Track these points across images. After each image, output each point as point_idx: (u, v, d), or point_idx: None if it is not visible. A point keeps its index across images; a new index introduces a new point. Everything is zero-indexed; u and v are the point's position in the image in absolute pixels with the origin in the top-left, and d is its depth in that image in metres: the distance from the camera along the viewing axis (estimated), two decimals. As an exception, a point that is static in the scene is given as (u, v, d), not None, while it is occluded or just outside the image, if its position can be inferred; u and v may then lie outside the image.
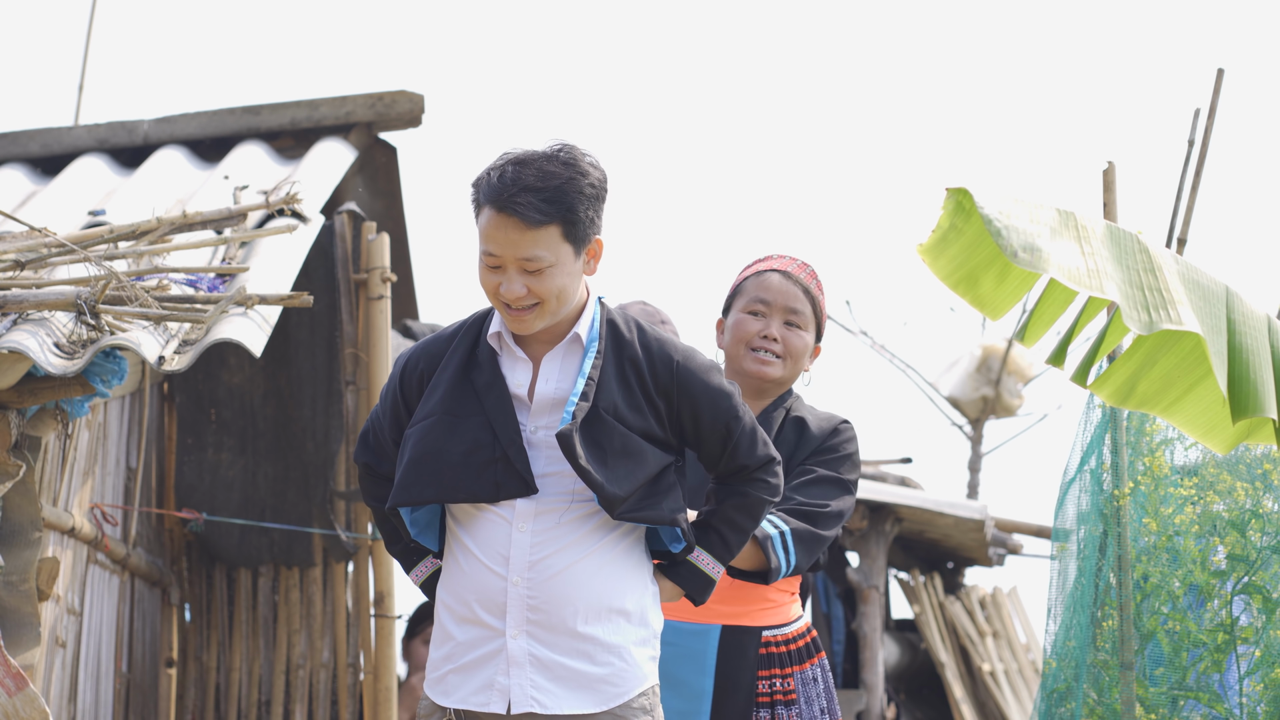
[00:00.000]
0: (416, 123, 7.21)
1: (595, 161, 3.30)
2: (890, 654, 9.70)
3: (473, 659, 3.31)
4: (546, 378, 3.33)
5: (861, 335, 14.81)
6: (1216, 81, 5.28)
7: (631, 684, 3.31)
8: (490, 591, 3.29)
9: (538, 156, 3.26)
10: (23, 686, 4.39)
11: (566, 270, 3.26)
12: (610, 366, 3.34)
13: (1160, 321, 3.56)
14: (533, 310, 3.27)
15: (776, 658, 3.98)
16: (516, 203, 3.20)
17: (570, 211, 3.23)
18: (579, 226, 3.25)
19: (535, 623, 3.27)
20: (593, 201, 3.27)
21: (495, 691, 3.27)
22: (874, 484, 9.23)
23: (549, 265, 3.23)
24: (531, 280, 3.24)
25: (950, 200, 3.50)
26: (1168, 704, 4.78)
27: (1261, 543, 4.77)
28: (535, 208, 3.20)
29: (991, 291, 3.65)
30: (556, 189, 3.22)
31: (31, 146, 7.23)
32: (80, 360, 4.55)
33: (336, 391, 6.63)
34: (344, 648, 6.75)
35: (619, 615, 3.32)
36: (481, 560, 3.31)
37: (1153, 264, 3.65)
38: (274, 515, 6.76)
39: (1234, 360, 3.70)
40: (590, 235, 3.29)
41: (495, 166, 3.26)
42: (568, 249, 3.25)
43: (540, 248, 3.22)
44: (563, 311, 3.32)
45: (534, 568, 3.27)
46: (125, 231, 5.39)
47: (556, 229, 3.22)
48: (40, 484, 4.93)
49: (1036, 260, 3.44)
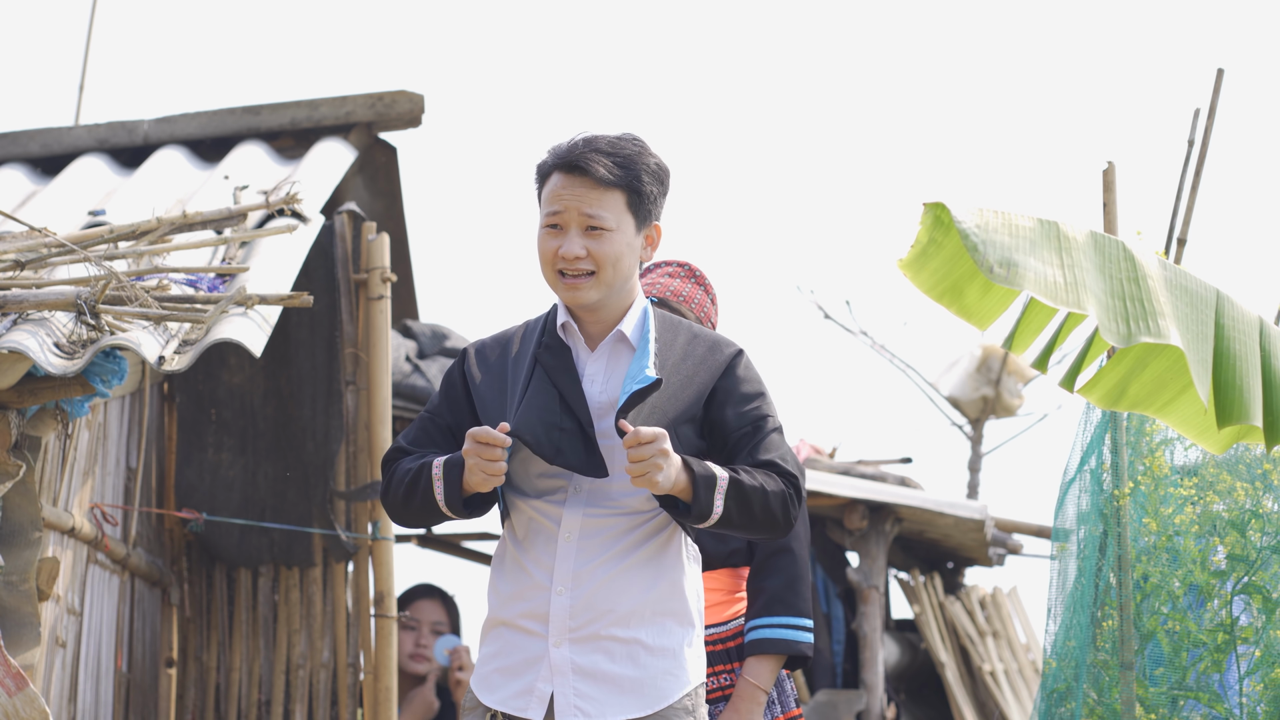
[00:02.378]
0: (416, 123, 7.21)
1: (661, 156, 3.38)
2: (890, 654, 9.69)
3: (516, 661, 3.31)
4: (592, 378, 3.35)
5: (861, 335, 14.81)
6: (1216, 81, 5.28)
7: (678, 685, 3.30)
8: (535, 599, 3.30)
9: (610, 137, 3.35)
10: (23, 686, 4.39)
11: (626, 241, 3.30)
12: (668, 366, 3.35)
13: (1139, 334, 3.56)
14: (589, 279, 3.30)
15: (719, 655, 4.01)
16: (588, 159, 3.27)
17: (637, 180, 3.29)
18: (644, 200, 3.31)
19: (578, 631, 3.27)
20: (657, 182, 3.34)
21: (534, 697, 3.27)
22: (874, 484, 9.23)
23: (611, 229, 3.28)
24: (591, 242, 3.28)
25: (928, 215, 3.52)
26: (1168, 704, 4.78)
27: (1261, 543, 4.76)
28: (606, 167, 3.27)
29: (977, 302, 3.65)
30: (627, 157, 3.29)
31: (31, 146, 7.23)
32: (80, 360, 4.54)
33: (336, 391, 6.63)
34: (344, 648, 6.74)
35: (667, 617, 3.32)
36: (527, 568, 3.32)
37: (1137, 273, 3.64)
38: (274, 515, 6.76)
39: (1221, 366, 3.70)
40: (652, 215, 3.34)
41: (564, 140, 3.34)
42: (630, 220, 3.31)
43: (605, 208, 3.27)
44: (616, 290, 3.33)
45: (578, 578, 3.28)
46: (125, 231, 5.39)
47: (621, 195, 3.28)
48: (40, 484, 4.93)
49: (1013, 276, 3.45)
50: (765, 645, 3.97)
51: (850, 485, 9.12)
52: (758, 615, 3.99)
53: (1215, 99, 5.29)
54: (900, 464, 10.32)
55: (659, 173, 3.34)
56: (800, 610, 4.00)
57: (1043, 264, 3.49)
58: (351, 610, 6.77)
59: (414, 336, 7.76)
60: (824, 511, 9.26)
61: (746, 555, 4.06)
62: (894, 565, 10.31)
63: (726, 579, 4.05)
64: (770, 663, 3.98)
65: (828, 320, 14.83)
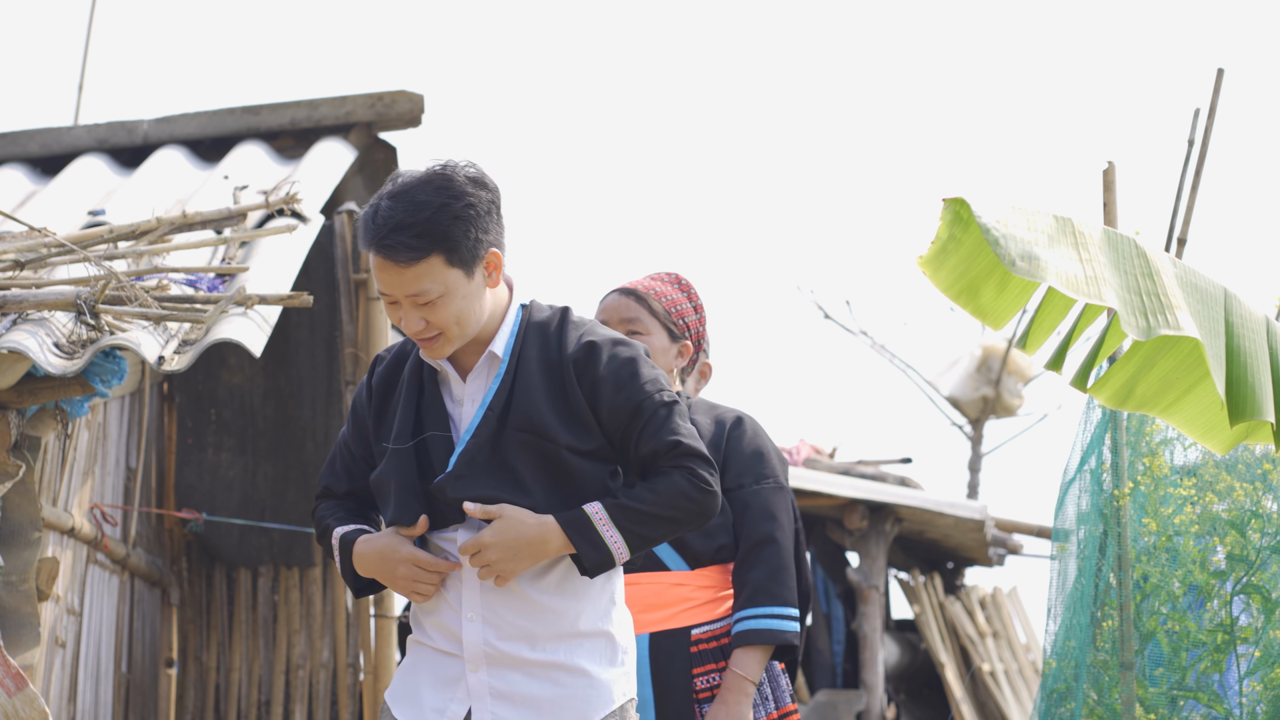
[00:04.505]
0: (416, 123, 7.21)
1: (476, 175, 3.20)
2: (890, 654, 9.70)
3: (434, 679, 3.28)
4: (473, 398, 3.26)
5: (861, 335, 14.82)
6: (1216, 81, 5.28)
7: (599, 704, 3.24)
8: (448, 623, 3.26)
9: (411, 185, 3.17)
10: (22, 686, 4.39)
11: (460, 294, 3.17)
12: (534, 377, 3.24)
13: (1158, 327, 3.56)
14: (438, 339, 3.20)
15: (710, 653, 4.01)
16: (387, 245, 3.12)
17: (447, 239, 3.13)
18: (461, 249, 3.15)
19: (493, 655, 3.22)
20: (473, 221, 3.16)
21: (446, 718, 3.24)
22: (874, 484, 9.23)
23: (439, 295, 3.15)
24: (426, 312, 3.17)
25: (948, 211, 3.49)
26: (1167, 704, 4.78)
27: (1261, 543, 4.76)
28: (408, 246, 3.12)
29: (992, 301, 3.63)
30: (427, 221, 3.13)
31: (31, 146, 7.23)
32: (80, 360, 4.55)
33: (336, 391, 6.64)
34: (344, 648, 6.75)
35: (585, 636, 3.26)
36: (441, 593, 3.27)
37: (1150, 268, 3.64)
38: (274, 515, 6.76)
39: (1232, 363, 3.70)
40: (479, 253, 3.18)
41: (373, 202, 3.20)
42: (456, 273, 3.16)
43: (424, 282, 3.14)
44: (472, 332, 3.23)
45: (488, 603, 3.23)
46: (125, 231, 5.38)
47: (438, 259, 3.14)
48: (40, 484, 4.94)
49: (1035, 269, 3.43)
50: (751, 636, 3.97)
51: (850, 485, 9.13)
52: (743, 607, 3.99)
53: (1215, 99, 5.29)
54: (900, 464, 10.33)
55: (472, 214, 3.16)
56: (784, 600, 3.99)
57: (1062, 258, 3.49)
58: (351, 610, 6.77)
59: (414, 336, 7.76)
60: (824, 511, 9.27)
61: (734, 551, 4.07)
62: (894, 565, 10.32)
63: (715, 576, 4.04)
64: (757, 653, 3.97)
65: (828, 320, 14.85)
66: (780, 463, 4.14)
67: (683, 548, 4.01)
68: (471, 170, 3.20)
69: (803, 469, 9.32)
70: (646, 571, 4.00)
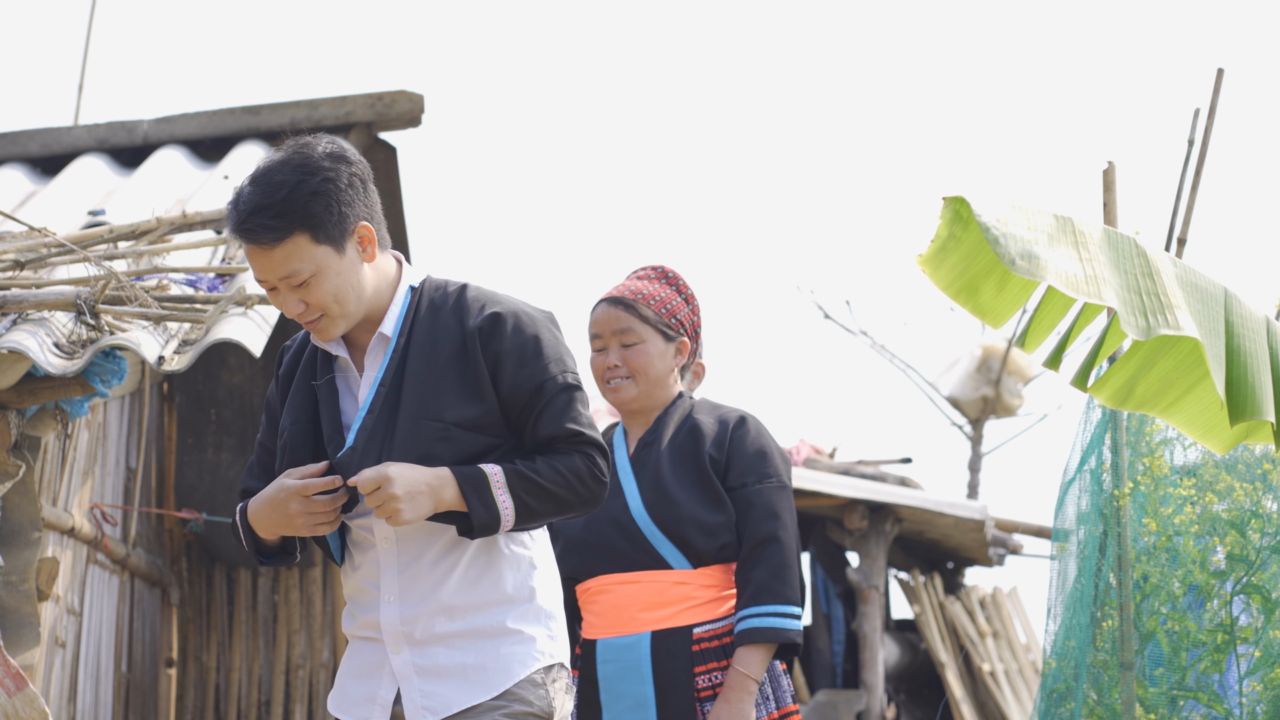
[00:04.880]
0: (416, 123, 7.22)
1: (335, 150, 3.18)
2: (890, 654, 9.70)
3: (361, 668, 3.27)
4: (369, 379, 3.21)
5: (861, 335, 14.82)
6: (1216, 81, 5.27)
7: (527, 660, 3.19)
8: (370, 609, 3.24)
9: (269, 167, 3.16)
10: (22, 686, 4.39)
11: (333, 271, 3.13)
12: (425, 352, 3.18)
13: (1158, 326, 3.55)
14: (320, 320, 3.16)
15: (712, 652, 4.02)
16: (248, 229, 3.10)
17: (308, 216, 3.10)
18: (327, 225, 3.11)
19: (414, 635, 3.19)
20: (334, 195, 3.12)
21: (377, 705, 3.22)
22: (874, 484, 9.23)
23: (311, 274, 3.11)
24: (302, 294, 3.13)
25: (948, 209, 3.49)
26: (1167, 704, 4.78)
27: (1261, 543, 4.76)
28: (268, 227, 3.08)
29: (992, 300, 3.63)
30: (284, 200, 3.10)
31: (31, 146, 7.23)
32: (80, 360, 4.54)
33: (336, 391, 6.64)
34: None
35: (502, 603, 3.19)
36: (359, 581, 3.26)
37: (1150, 268, 3.64)
38: (274, 515, 6.76)
39: (1232, 363, 3.70)
40: (347, 228, 3.14)
41: (236, 189, 3.18)
42: (324, 250, 3.12)
43: (293, 262, 3.10)
44: (355, 310, 3.18)
45: (404, 582, 3.20)
46: (125, 231, 5.39)
47: (302, 237, 3.10)
48: (40, 484, 4.93)
49: (1035, 268, 3.43)
50: (754, 634, 3.97)
51: (850, 485, 9.13)
52: (746, 605, 3.99)
53: (1215, 99, 5.28)
54: (900, 464, 10.32)
55: (332, 188, 3.12)
56: (788, 598, 4.00)
57: (1062, 257, 3.49)
58: (351, 610, 6.78)
59: (414, 336, 7.76)
60: (824, 511, 9.26)
61: (737, 550, 4.08)
62: (894, 565, 10.32)
63: (718, 575, 4.05)
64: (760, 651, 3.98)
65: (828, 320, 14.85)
66: (784, 462, 4.14)
67: (685, 546, 4.02)
68: (330, 146, 3.18)
69: (803, 469, 9.32)
70: (649, 570, 4.01)
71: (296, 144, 3.19)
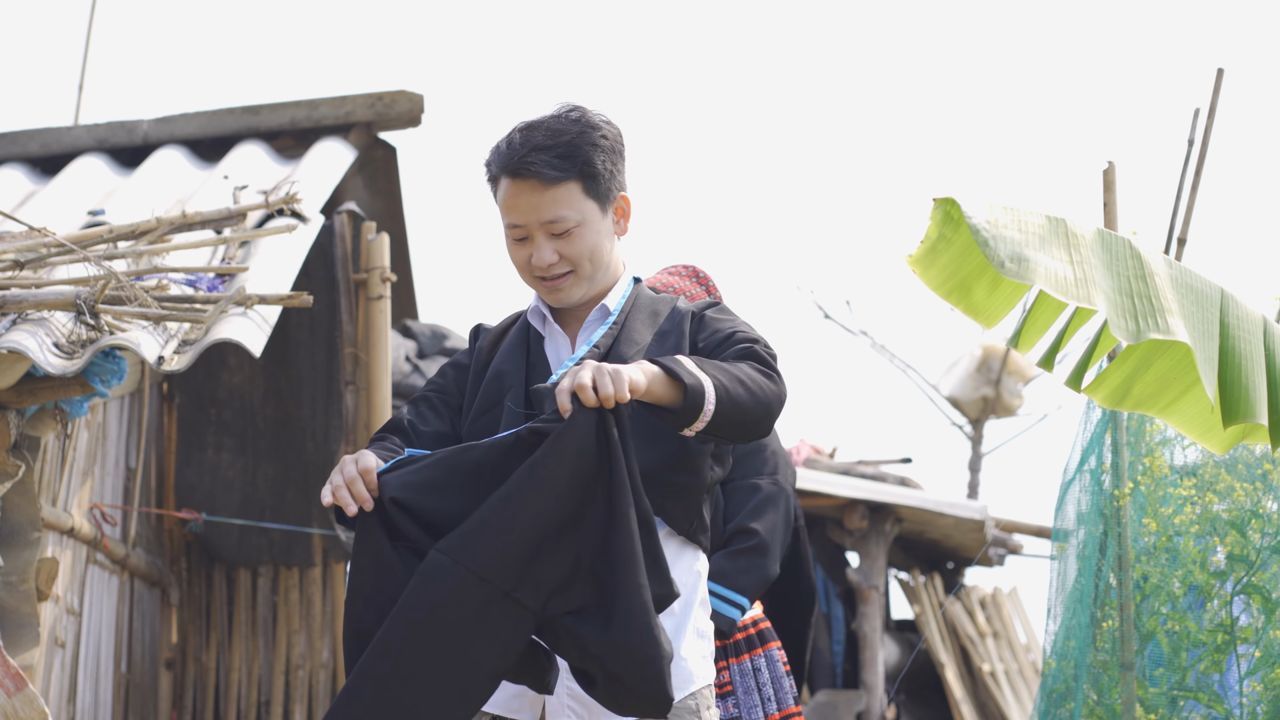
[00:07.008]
0: (416, 123, 7.22)
1: (608, 119, 3.18)
2: (890, 654, 9.70)
3: None
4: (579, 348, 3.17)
5: (861, 335, 14.82)
6: (1216, 81, 5.27)
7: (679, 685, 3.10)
8: None
9: (546, 118, 3.14)
10: (22, 686, 4.38)
11: (595, 229, 3.13)
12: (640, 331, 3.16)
13: (1148, 330, 3.55)
14: (567, 278, 3.15)
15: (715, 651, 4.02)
16: (529, 163, 3.08)
17: (588, 164, 3.10)
18: (600, 180, 3.12)
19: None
20: (610, 154, 3.14)
21: (526, 700, 3.18)
22: (874, 484, 9.23)
23: (575, 224, 3.11)
24: (560, 244, 3.12)
25: (938, 210, 3.48)
26: (1167, 704, 4.78)
27: (1261, 543, 4.76)
28: (549, 164, 3.07)
29: (985, 300, 3.62)
30: (569, 144, 3.09)
31: (31, 146, 7.23)
32: (80, 360, 4.54)
33: (336, 391, 6.63)
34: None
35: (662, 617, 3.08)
36: None
37: (1144, 270, 3.63)
38: (274, 515, 6.76)
39: (1226, 365, 3.69)
40: (614, 191, 3.16)
41: (504, 136, 3.15)
42: (592, 205, 3.12)
43: (563, 207, 3.09)
44: (599, 277, 3.18)
45: None
46: (125, 231, 5.38)
47: (576, 185, 3.09)
48: (40, 484, 4.93)
49: (1024, 270, 3.42)
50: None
51: (850, 485, 9.13)
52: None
53: (1215, 99, 5.28)
54: (900, 464, 10.33)
55: (608, 146, 3.13)
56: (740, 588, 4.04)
57: (1052, 260, 3.48)
58: (351, 610, 6.77)
59: (414, 336, 7.76)
60: (824, 511, 9.26)
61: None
62: (894, 565, 10.32)
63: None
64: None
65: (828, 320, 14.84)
66: (785, 464, 4.15)
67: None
68: (602, 115, 3.18)
69: (803, 469, 9.32)
70: None
71: (571, 104, 3.17)
